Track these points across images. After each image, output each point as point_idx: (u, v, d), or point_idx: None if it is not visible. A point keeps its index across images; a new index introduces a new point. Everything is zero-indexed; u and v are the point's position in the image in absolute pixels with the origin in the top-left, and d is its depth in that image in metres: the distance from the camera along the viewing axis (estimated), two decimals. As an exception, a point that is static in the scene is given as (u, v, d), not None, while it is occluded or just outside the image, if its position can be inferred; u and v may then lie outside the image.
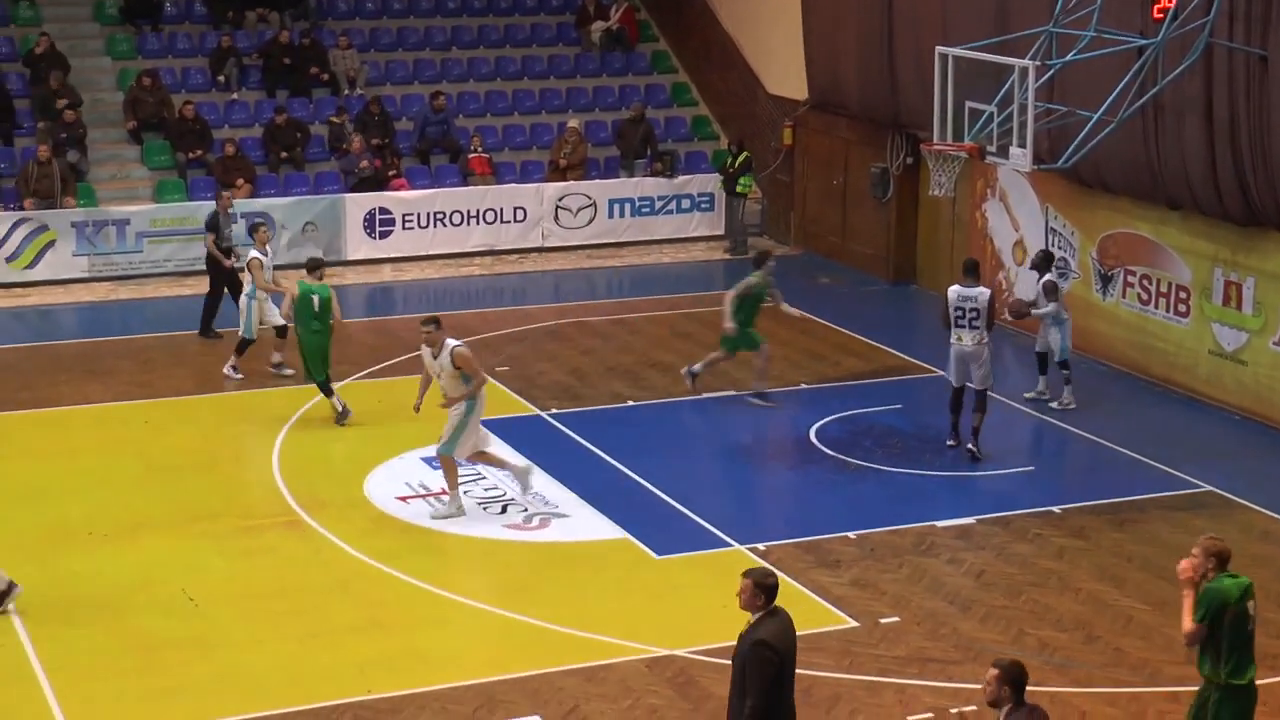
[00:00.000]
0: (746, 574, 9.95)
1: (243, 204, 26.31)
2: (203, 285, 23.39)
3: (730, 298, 19.73)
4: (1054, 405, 19.82)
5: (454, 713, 12.47)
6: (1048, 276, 19.77)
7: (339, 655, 13.45)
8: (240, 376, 20.52)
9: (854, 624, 14.13)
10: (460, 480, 16.61)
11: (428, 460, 17.71)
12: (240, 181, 26.85)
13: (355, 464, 17.72)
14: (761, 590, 9.83)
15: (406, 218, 27.17)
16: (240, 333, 20.76)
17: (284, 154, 27.92)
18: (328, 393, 19.24)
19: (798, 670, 13.02)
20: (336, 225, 26.83)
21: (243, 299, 21.01)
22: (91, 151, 27.25)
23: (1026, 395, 20.03)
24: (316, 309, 19.08)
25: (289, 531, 15.95)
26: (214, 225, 22.78)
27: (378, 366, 21.35)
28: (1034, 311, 19.68)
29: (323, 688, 12.84)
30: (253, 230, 21.33)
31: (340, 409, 19.10)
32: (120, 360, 21.56)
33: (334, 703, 12.59)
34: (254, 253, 20.79)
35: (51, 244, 25.27)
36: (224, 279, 22.71)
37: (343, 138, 28.09)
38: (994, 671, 9.31)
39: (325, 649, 13.59)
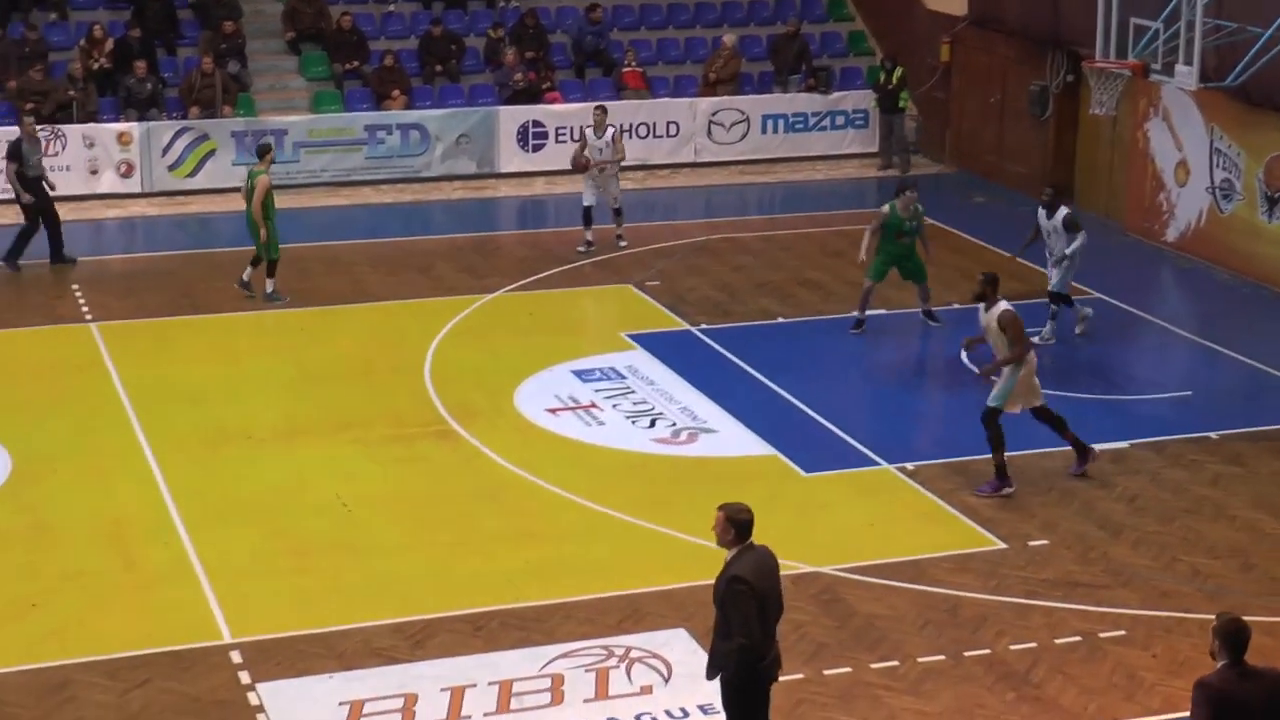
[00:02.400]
0: (721, 508, 9.72)
1: (397, 115, 26.55)
2: (360, 196, 23.72)
3: (866, 232, 19.33)
4: (1035, 339, 18.17)
5: (599, 623, 12.57)
6: (1065, 210, 18.67)
7: (487, 563, 13.62)
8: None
9: (1002, 546, 14.00)
10: (610, 392, 16.67)
11: (577, 373, 17.81)
12: (396, 93, 27.03)
13: (505, 375, 17.85)
14: (733, 524, 9.63)
15: (559, 131, 27.18)
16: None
17: (439, 66, 28.04)
18: (253, 263, 20.10)
19: (943, 590, 13.10)
20: (490, 138, 26.92)
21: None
22: (251, 62, 27.58)
23: (1076, 331, 19.22)
24: (245, 192, 19.87)
25: (440, 440, 16.13)
26: (15, 153, 21.76)
27: (528, 279, 21.44)
28: (1068, 250, 18.57)
29: (471, 594, 13.02)
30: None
31: (256, 288, 19.98)
32: (278, 267, 21.84)
33: (482, 609, 12.75)
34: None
35: (212, 153, 25.66)
36: (37, 208, 21.78)
37: (498, 50, 28.14)
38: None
39: (474, 556, 13.76)
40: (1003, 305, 14.99)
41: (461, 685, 11.59)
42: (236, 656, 11.99)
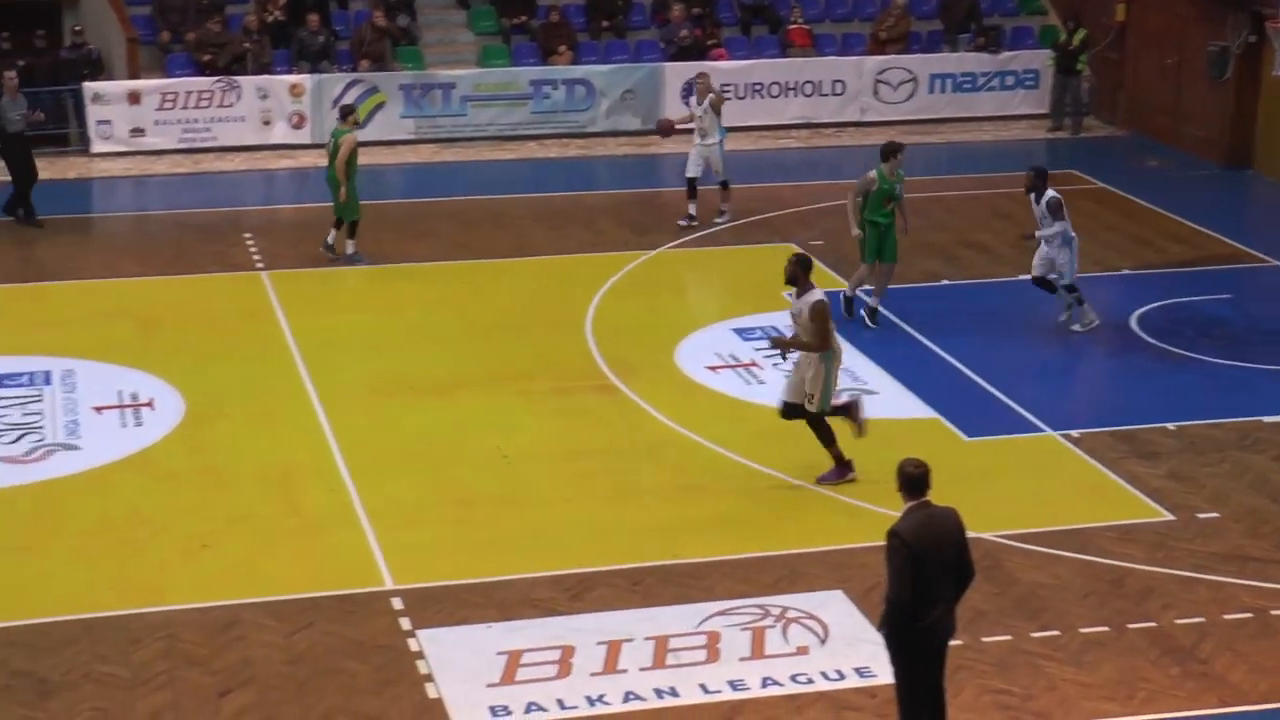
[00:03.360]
0: (899, 464, 9.72)
1: (563, 70, 26.63)
2: (525, 150, 23.78)
3: (850, 198, 18.17)
4: (1077, 328, 17.97)
5: (756, 582, 12.56)
6: (1050, 193, 17.71)
7: (645, 518, 13.67)
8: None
9: (1170, 517, 13.74)
10: (771, 351, 16.57)
11: (738, 331, 17.78)
12: (562, 48, 27.10)
13: (667, 332, 17.87)
14: (899, 476, 9.67)
15: (724, 88, 27.02)
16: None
17: (606, 22, 28.05)
18: (336, 225, 20.04)
19: (1107, 560, 12.89)
20: (655, 94, 26.89)
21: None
22: (420, 16, 27.81)
23: (1061, 319, 18.24)
24: (329, 151, 19.82)
25: (600, 395, 16.20)
26: None
27: (690, 236, 21.42)
28: (1039, 234, 17.73)
29: (628, 549, 13.08)
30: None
31: (339, 249, 19.93)
32: (442, 221, 22.10)
33: (639, 564, 12.80)
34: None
35: (381, 106, 25.95)
36: (16, 164, 21.58)
37: (664, 6, 28.07)
38: None
39: (632, 511, 13.81)
40: (816, 294, 13.92)
41: (618, 639, 11.66)
42: (398, 603, 12.17)
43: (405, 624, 11.89)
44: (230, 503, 13.83)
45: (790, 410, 14.24)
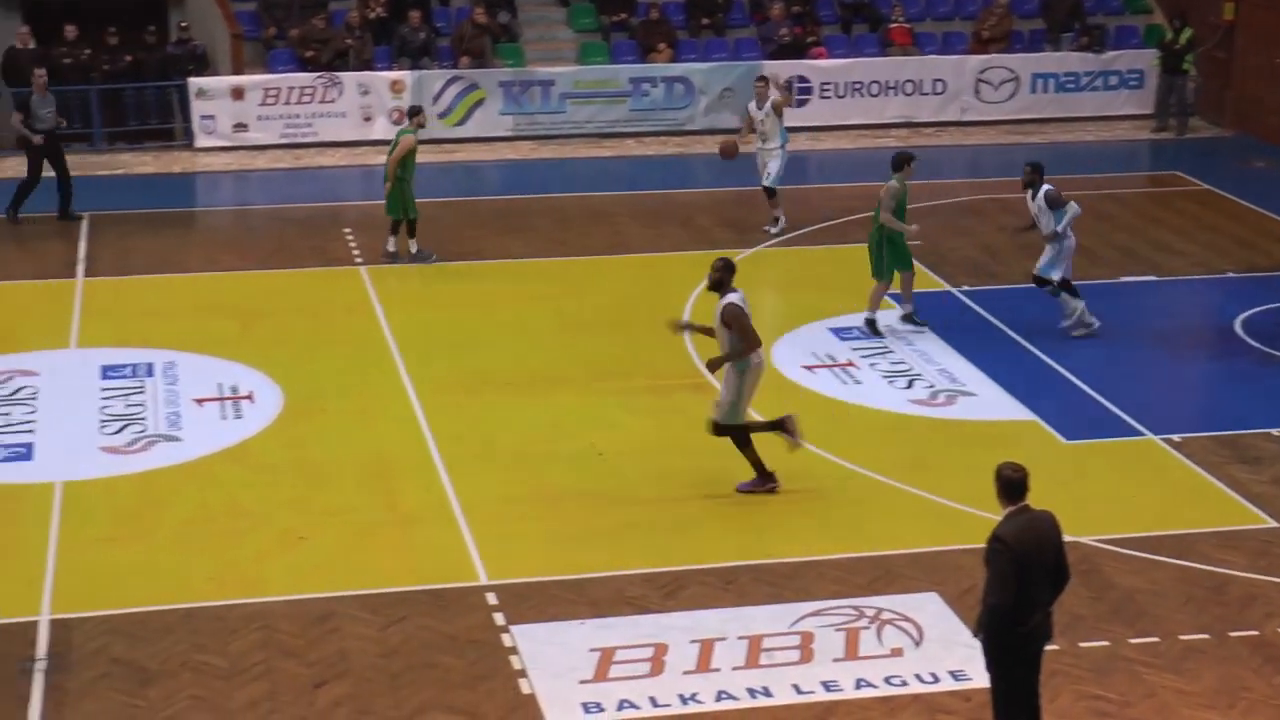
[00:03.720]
0: (998, 468, 9.62)
1: (662, 68, 26.63)
2: (623, 148, 23.79)
3: (886, 216, 17.49)
4: (1078, 334, 17.53)
5: (850, 583, 12.49)
6: (1047, 187, 17.39)
7: (739, 517, 13.63)
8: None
9: (1273, 524, 13.52)
10: (868, 351, 16.51)
11: (835, 331, 17.70)
12: (662, 46, 27.10)
13: (762, 331, 17.56)
14: (997, 480, 9.56)
15: (824, 86, 26.99)
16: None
17: (705, 20, 28.02)
18: (393, 230, 19.90)
19: (1208, 567, 12.70)
20: (753, 91, 26.77)
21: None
22: (521, 13, 27.92)
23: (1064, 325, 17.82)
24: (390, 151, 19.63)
25: (696, 393, 16.15)
26: (24, 105, 21.73)
27: (788, 235, 21.35)
28: (1057, 227, 17.33)
29: (722, 547, 13.05)
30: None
31: (406, 249, 19.76)
32: (539, 218, 22.16)
33: (732, 563, 12.77)
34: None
35: (480, 102, 26.09)
36: (38, 161, 21.62)
37: (763, 4, 28.01)
38: None
39: (725, 510, 13.78)
40: (729, 297, 13.61)
41: (711, 638, 11.64)
42: (492, 598, 12.22)
43: (499, 619, 11.93)
44: (327, 496, 13.94)
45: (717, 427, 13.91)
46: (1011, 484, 9.57)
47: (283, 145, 25.54)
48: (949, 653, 11.41)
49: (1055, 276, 17.52)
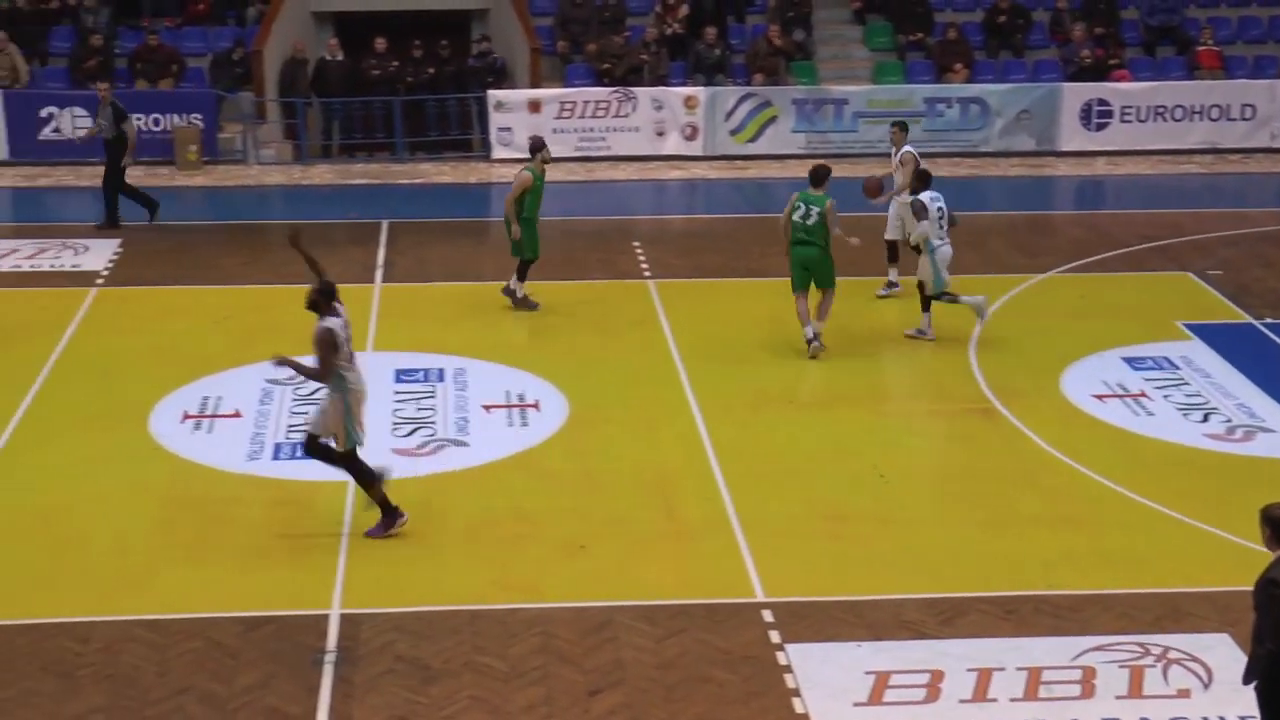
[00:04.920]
0: (1263, 508, 9.37)
1: (957, 88, 26.34)
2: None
3: (834, 230, 17.27)
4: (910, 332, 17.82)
5: (1136, 619, 12.14)
6: (923, 194, 17.55)
7: (1022, 546, 13.35)
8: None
9: None
10: (1162, 382, 16.01)
11: (1128, 360, 17.26)
12: (958, 66, 26.80)
13: (1053, 357, 17.44)
14: (1267, 523, 9.29)
15: (1125, 110, 26.35)
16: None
17: (1003, 40, 27.60)
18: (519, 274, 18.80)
19: None
20: (1051, 114, 26.36)
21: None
22: (816, 31, 27.90)
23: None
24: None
25: (981, 418, 15.92)
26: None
27: (1082, 261, 20.88)
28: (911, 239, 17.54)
29: (1004, 576, 12.80)
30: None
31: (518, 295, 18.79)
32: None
33: (1013, 593, 12.51)
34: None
35: (773, 120, 26.14)
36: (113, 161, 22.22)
37: (1065, 25, 27.47)
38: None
39: (1009, 538, 13.52)
40: (323, 323, 12.83)
41: (989, 668, 11.42)
42: (768, 615, 12.19)
43: (774, 637, 11.90)
44: (607, 506, 14.09)
45: (311, 442, 13.24)
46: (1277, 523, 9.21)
47: (576, 158, 25.96)
48: (1239, 697, 10.97)
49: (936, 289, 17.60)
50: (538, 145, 18.88)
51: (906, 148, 19.05)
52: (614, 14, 27.42)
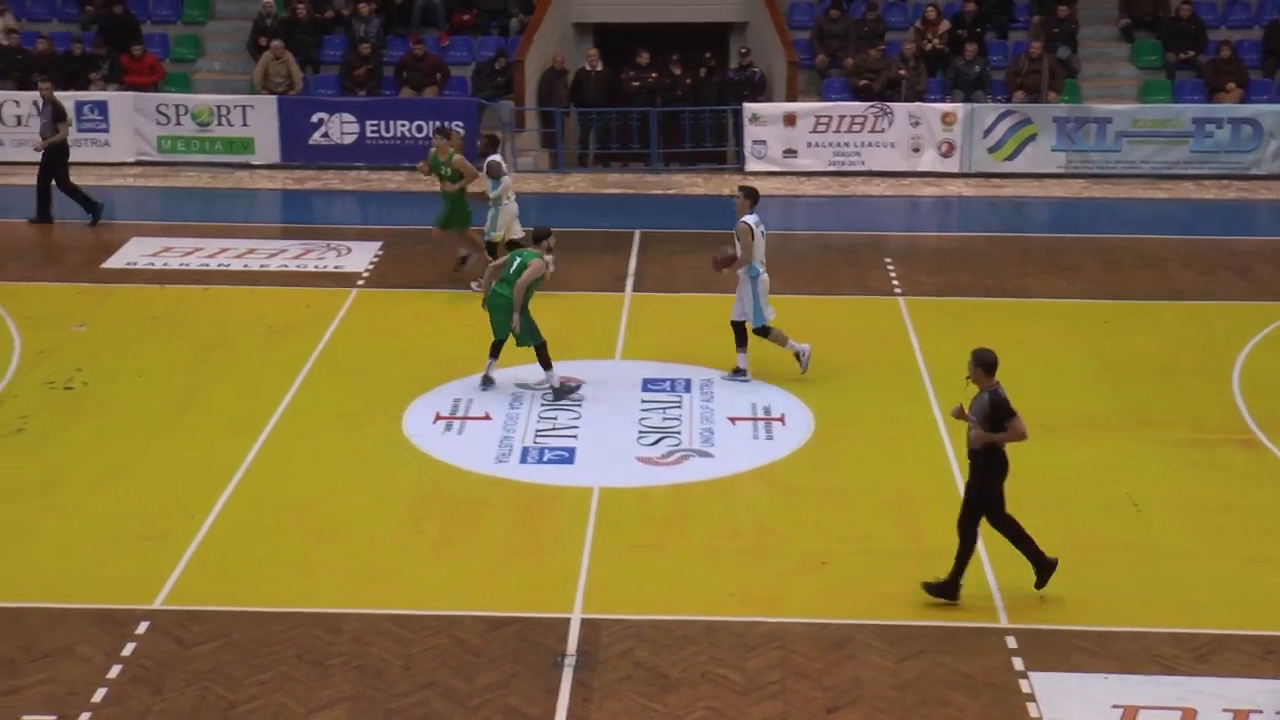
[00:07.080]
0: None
1: (1229, 108, 25.54)
2: (1180, 190, 22.83)
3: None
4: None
5: None
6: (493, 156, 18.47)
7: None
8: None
9: None
10: None
11: (1403, 394, 16.55)
12: (1231, 85, 25.98)
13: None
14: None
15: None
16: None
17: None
18: (543, 363, 16.61)
19: None
20: (1326, 137, 25.38)
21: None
22: (1081, 48, 27.33)
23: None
24: (511, 272, 16.45)
25: (1243, 450, 15.39)
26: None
27: (1356, 289, 20.08)
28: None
29: (1264, 614, 12.35)
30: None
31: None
32: (1086, 257, 21.59)
33: (1273, 632, 12.06)
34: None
35: (1033, 137, 25.66)
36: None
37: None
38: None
39: (1270, 575, 13.04)
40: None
41: (1245, 709, 11.02)
42: (1012, 641, 11.94)
43: (1018, 664, 11.65)
44: (849, 522, 13.96)
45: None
46: None
47: (830, 173, 25.82)
48: None
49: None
50: (545, 233, 17.24)
51: (745, 218, 16.72)
52: (873, 28, 27.22)
